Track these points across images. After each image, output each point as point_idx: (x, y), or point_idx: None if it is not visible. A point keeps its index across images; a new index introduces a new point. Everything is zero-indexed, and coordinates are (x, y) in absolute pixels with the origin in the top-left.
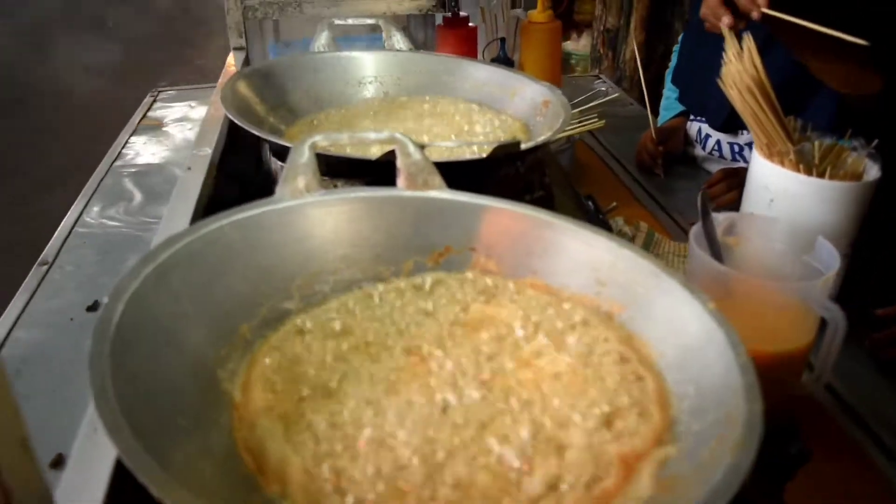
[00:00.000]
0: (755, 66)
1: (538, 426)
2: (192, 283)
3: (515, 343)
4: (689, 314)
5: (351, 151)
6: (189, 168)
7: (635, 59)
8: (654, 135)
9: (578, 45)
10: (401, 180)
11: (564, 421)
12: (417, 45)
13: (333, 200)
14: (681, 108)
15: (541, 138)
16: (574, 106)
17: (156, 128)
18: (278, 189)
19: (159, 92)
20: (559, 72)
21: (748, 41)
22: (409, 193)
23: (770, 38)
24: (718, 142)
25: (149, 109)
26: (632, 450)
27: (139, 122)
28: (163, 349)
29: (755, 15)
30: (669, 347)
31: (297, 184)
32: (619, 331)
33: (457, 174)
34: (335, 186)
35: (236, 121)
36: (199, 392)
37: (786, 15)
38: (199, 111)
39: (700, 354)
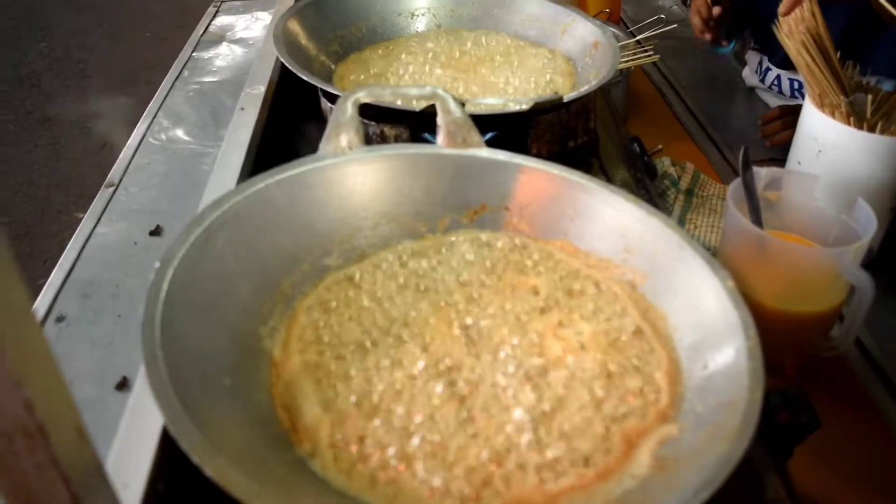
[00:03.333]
0: (814, 16)
1: (551, 397)
2: (237, 242)
3: (541, 310)
4: (707, 290)
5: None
6: (242, 108)
7: None
8: None
9: None
10: (440, 137)
11: (578, 394)
12: None
13: (375, 157)
14: None
15: (583, 89)
16: (635, 31)
17: (218, 42)
18: (322, 146)
19: (221, 2)
20: None
21: None
22: (448, 151)
23: None
24: (779, 76)
25: (211, 20)
26: (637, 426)
27: (201, 36)
28: (210, 311)
29: None
30: (685, 322)
31: (339, 141)
32: (641, 302)
33: (501, 124)
34: (381, 132)
35: (288, 65)
36: (242, 350)
37: None
38: (261, 22)
39: (714, 333)
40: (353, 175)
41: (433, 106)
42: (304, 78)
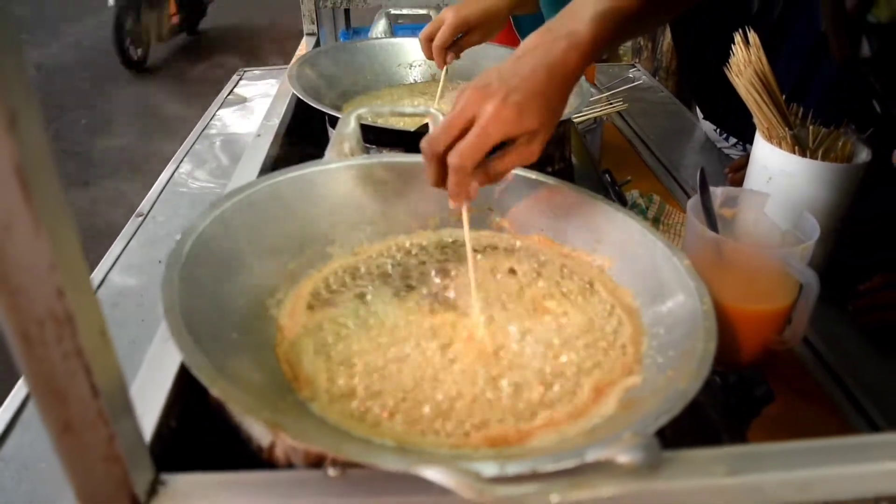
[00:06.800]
0: (759, 59)
1: (539, 356)
2: (249, 226)
3: (522, 288)
4: (667, 267)
5: (394, 123)
6: (259, 135)
7: (672, 50)
8: None
9: None
10: None
11: (560, 353)
12: None
13: (374, 163)
14: None
15: None
16: (607, 89)
17: (241, 102)
18: (327, 152)
19: (245, 72)
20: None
21: (752, 35)
22: None
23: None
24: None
25: (235, 86)
26: (605, 379)
27: (226, 97)
28: (222, 278)
29: None
30: (648, 296)
31: (343, 148)
32: (609, 283)
33: None
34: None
35: (300, 95)
36: (251, 315)
37: None
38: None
39: (672, 302)
40: (354, 177)
41: (426, 126)
42: (314, 105)
